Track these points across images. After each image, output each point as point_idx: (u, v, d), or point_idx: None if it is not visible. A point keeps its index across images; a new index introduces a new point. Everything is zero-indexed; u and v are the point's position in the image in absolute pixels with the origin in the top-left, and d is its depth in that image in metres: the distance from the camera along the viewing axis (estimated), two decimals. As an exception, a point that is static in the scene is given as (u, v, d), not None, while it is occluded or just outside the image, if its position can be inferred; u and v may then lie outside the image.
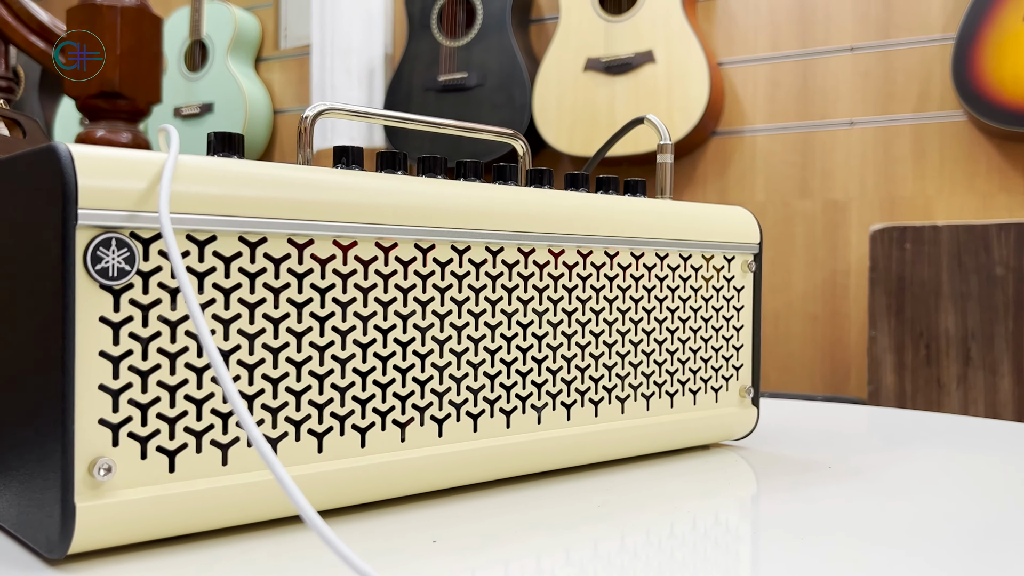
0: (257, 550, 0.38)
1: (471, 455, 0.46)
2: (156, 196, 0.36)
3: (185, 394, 0.37)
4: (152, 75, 1.54)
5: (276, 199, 0.39)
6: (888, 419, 0.78)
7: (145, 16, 1.50)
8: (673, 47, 2.08)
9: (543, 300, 0.49)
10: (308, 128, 0.47)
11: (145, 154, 0.36)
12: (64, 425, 0.34)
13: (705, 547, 0.39)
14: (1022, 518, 0.45)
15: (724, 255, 0.59)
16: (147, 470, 0.36)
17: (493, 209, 0.47)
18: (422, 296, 0.44)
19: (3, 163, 0.38)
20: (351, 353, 0.42)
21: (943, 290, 1.64)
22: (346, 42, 2.42)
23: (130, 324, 0.36)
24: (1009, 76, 1.77)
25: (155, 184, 0.36)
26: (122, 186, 0.35)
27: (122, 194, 0.35)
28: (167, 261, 0.36)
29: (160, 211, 0.33)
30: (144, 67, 1.51)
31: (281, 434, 0.40)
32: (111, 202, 0.35)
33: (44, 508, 0.35)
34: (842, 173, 2.08)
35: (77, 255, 0.34)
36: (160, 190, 0.34)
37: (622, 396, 0.54)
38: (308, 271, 0.40)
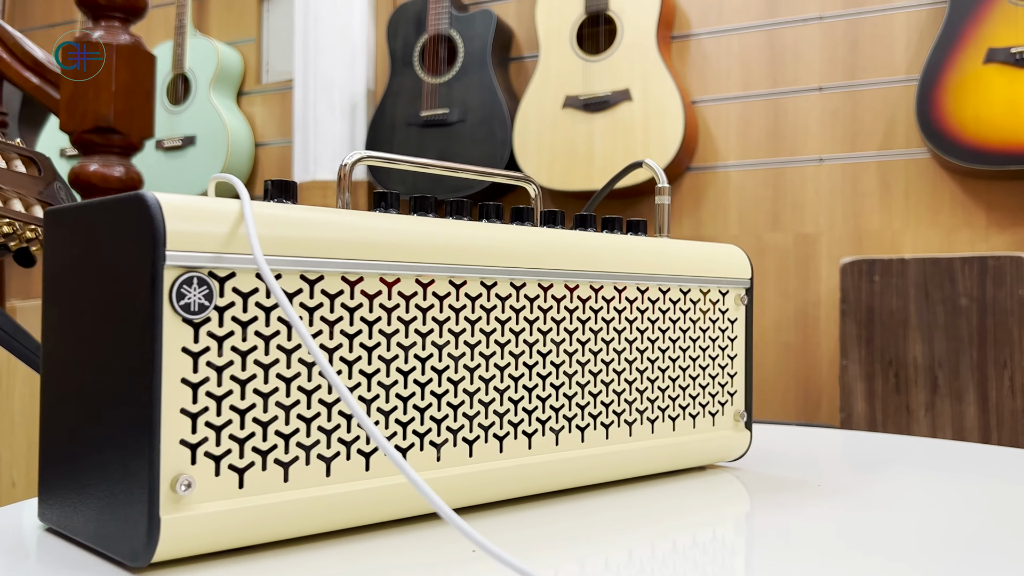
0: (317, 559, 0.41)
1: (498, 474, 0.51)
2: (234, 238, 0.40)
3: (253, 417, 0.41)
4: (145, 111, 1.57)
5: (331, 241, 0.44)
6: (867, 442, 0.83)
7: (139, 53, 1.53)
8: (649, 86, 2.15)
9: (560, 331, 0.54)
10: (347, 174, 0.51)
11: (222, 202, 0.41)
12: (151, 445, 0.38)
13: (707, 559, 0.44)
14: (997, 529, 0.50)
15: (719, 289, 0.64)
16: (219, 486, 0.40)
17: (516, 248, 0.52)
18: (455, 327, 0.49)
19: (87, 207, 0.42)
20: (394, 380, 0.46)
21: (911, 320, 1.71)
22: (329, 77, 2.47)
23: (207, 354, 0.40)
24: (970, 116, 1.86)
25: (232, 228, 0.40)
26: (203, 230, 0.39)
27: (203, 237, 0.39)
28: (240, 298, 0.40)
29: (255, 254, 0.37)
30: (138, 103, 1.55)
31: (334, 453, 0.44)
32: (193, 245, 0.39)
33: (128, 521, 0.39)
34: (812, 207, 2.16)
35: (164, 292, 0.38)
36: (251, 236, 0.38)
37: (630, 420, 0.58)
38: (359, 305, 0.45)
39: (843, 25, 2.14)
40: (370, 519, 0.46)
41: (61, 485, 0.44)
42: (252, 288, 0.41)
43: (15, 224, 0.87)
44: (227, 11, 2.91)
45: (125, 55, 1.51)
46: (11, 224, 0.87)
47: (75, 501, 0.43)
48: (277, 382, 0.42)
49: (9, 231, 0.87)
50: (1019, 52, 1.82)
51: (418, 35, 2.41)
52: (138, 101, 1.53)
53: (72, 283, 0.43)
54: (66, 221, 0.44)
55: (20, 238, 0.89)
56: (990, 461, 0.71)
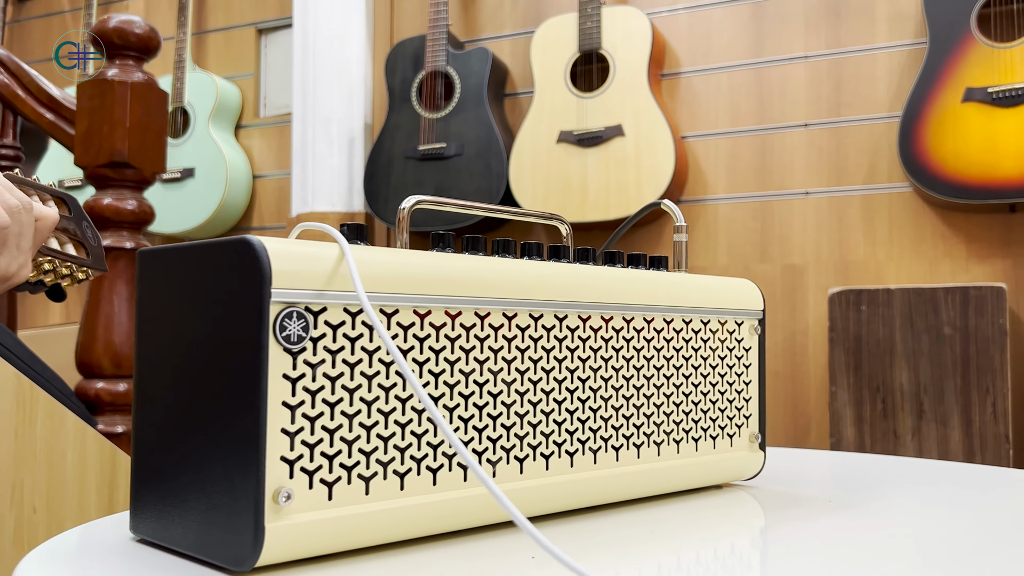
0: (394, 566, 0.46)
1: (545, 489, 0.55)
2: (328, 277, 0.45)
3: (340, 436, 0.46)
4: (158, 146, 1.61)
5: (401, 277, 0.49)
6: (865, 462, 0.88)
7: (152, 91, 1.58)
8: (641, 122, 2.23)
9: (596, 359, 0.59)
10: (405, 217, 0.57)
11: (317, 245, 0.46)
12: (257, 461, 0.42)
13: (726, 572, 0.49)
14: (996, 537, 0.55)
15: (735, 320, 0.70)
16: (312, 498, 0.45)
17: (560, 284, 0.57)
18: (507, 355, 0.54)
19: (188, 249, 0.47)
20: (456, 403, 0.51)
21: (897, 348, 1.78)
22: (327, 112, 2.52)
23: (303, 379, 0.44)
24: (950, 152, 1.94)
25: (327, 268, 0.45)
26: (302, 270, 0.44)
27: (302, 276, 0.44)
28: (330, 329, 0.45)
29: (358, 292, 0.42)
30: (151, 139, 1.59)
31: (407, 469, 0.49)
32: (294, 283, 0.44)
33: (234, 529, 0.43)
34: (799, 239, 2.23)
35: (269, 325, 0.43)
36: (353, 277, 0.43)
37: (658, 441, 0.63)
38: (427, 335, 0.50)
39: (827, 64, 2.23)
40: (437, 529, 0.50)
41: (156, 500, 0.48)
42: (340, 321, 0.46)
43: (55, 262, 0.91)
44: (226, 46, 2.97)
45: (139, 92, 1.56)
46: (51, 262, 0.91)
47: (172, 514, 0.47)
48: (360, 404, 0.47)
49: (49, 268, 0.91)
50: (995, 92, 1.90)
51: (416, 72, 2.48)
52: (151, 137, 1.58)
53: (170, 316, 0.48)
54: (162, 260, 0.49)
55: (56, 274, 0.93)
56: (979, 479, 0.77)
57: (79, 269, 0.94)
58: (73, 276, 0.95)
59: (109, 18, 1.51)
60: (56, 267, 0.93)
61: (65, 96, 1.61)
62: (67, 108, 1.58)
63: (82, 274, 0.95)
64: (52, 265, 0.92)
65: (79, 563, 0.48)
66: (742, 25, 2.32)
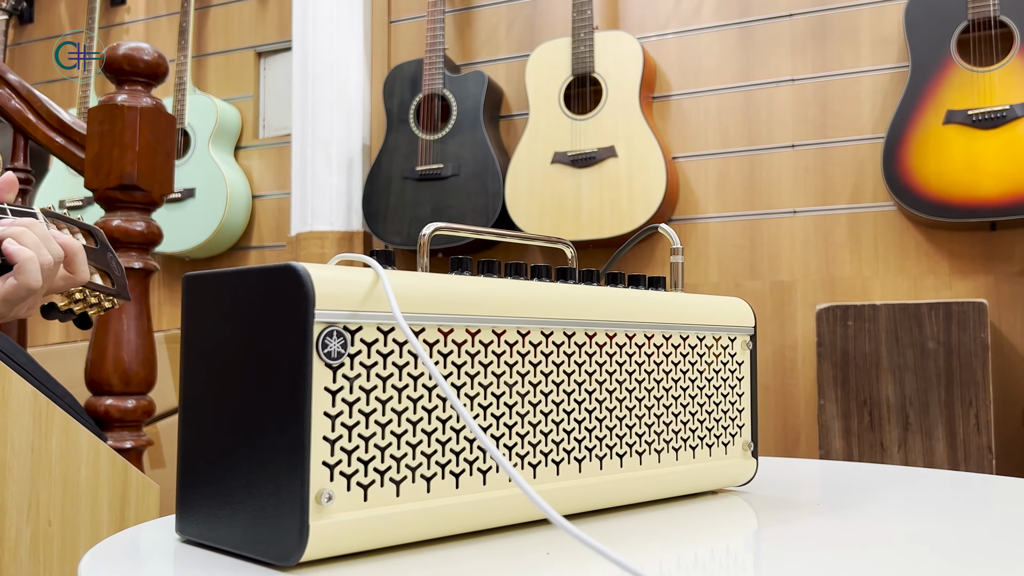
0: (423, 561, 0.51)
1: (556, 493, 0.60)
2: (363, 299, 0.50)
3: (374, 443, 0.51)
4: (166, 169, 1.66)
5: (428, 299, 0.54)
6: (853, 470, 0.93)
7: (161, 115, 1.63)
8: (633, 143, 2.29)
9: (601, 372, 0.64)
10: (426, 242, 0.62)
11: (354, 271, 0.51)
12: (303, 466, 0.47)
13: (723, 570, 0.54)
14: (980, 536, 0.60)
15: (728, 336, 0.75)
16: (349, 499, 0.49)
17: (568, 303, 0.62)
18: (521, 370, 0.59)
19: (232, 275, 0.52)
20: (476, 413, 0.56)
21: (883, 362, 1.83)
22: (326, 133, 2.58)
23: (342, 392, 0.49)
24: (932, 172, 2.01)
25: (363, 291, 0.50)
26: (342, 292, 0.49)
27: (341, 298, 0.49)
28: (365, 346, 0.50)
29: (395, 314, 0.47)
30: (159, 162, 1.64)
31: (432, 474, 0.53)
32: (335, 305, 0.49)
33: (280, 529, 0.48)
34: (787, 257, 2.29)
35: (312, 342, 0.48)
36: (390, 300, 0.48)
37: (658, 448, 0.68)
38: (450, 351, 0.55)
39: (813, 87, 2.30)
40: (460, 529, 0.55)
41: (203, 503, 0.53)
42: (374, 339, 0.51)
43: (85, 291, 0.96)
44: (225, 69, 3.02)
45: (148, 117, 1.60)
46: (82, 291, 0.95)
47: (219, 516, 0.52)
48: (391, 414, 0.51)
49: (80, 297, 0.95)
50: (975, 114, 1.97)
51: (413, 94, 2.54)
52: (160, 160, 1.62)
53: (215, 335, 0.53)
54: (207, 284, 0.54)
55: (86, 303, 0.97)
56: (963, 484, 0.82)
57: (105, 298, 0.99)
58: (100, 305, 1.00)
59: (118, 46, 1.56)
60: (86, 296, 0.97)
61: (75, 120, 1.66)
62: (77, 132, 1.63)
63: (108, 303, 1.00)
64: (83, 294, 0.96)
65: (136, 560, 0.53)
66: (730, 49, 2.39)
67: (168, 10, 3.17)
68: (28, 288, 0.79)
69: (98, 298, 0.98)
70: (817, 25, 2.31)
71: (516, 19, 2.65)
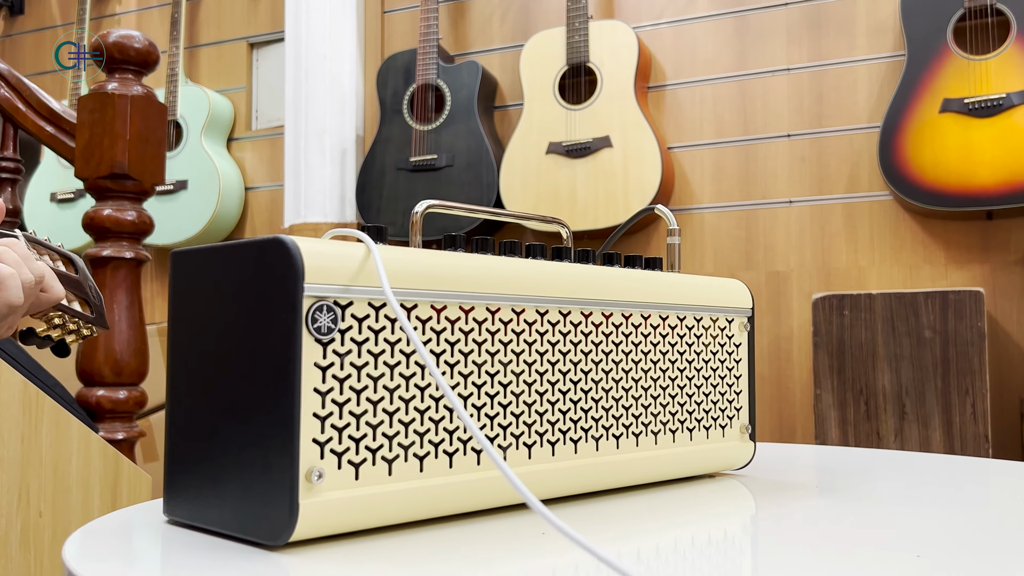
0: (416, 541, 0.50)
1: (551, 473, 0.59)
2: (354, 273, 0.49)
3: (365, 421, 0.50)
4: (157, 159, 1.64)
5: (420, 275, 0.53)
6: (849, 454, 0.93)
7: (152, 104, 1.61)
8: (628, 133, 2.28)
9: (597, 352, 0.63)
10: (419, 220, 0.60)
11: (344, 245, 0.49)
12: (292, 442, 0.46)
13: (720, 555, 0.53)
14: (974, 517, 0.60)
15: (726, 317, 0.74)
16: (340, 477, 0.48)
17: (564, 282, 0.61)
18: (516, 348, 0.58)
19: (220, 249, 0.51)
20: (470, 392, 0.55)
21: (879, 352, 1.83)
22: (319, 124, 2.56)
23: (332, 368, 0.48)
24: (928, 161, 2.00)
25: (353, 265, 0.49)
26: (332, 266, 0.48)
27: (331, 272, 0.48)
28: (356, 322, 0.49)
29: (384, 287, 0.46)
30: (150, 151, 1.62)
31: (425, 452, 0.52)
32: (324, 278, 0.48)
33: (270, 507, 0.47)
34: (783, 247, 2.29)
35: (302, 317, 0.47)
36: (380, 273, 0.47)
37: (655, 430, 0.67)
38: (443, 329, 0.54)
39: (809, 76, 2.29)
40: (454, 509, 0.54)
41: (191, 483, 0.52)
42: (365, 314, 0.50)
43: (64, 317, 0.94)
44: (218, 60, 3.00)
45: (139, 105, 1.59)
46: (61, 317, 0.94)
47: (208, 495, 0.51)
48: (383, 391, 0.50)
49: (59, 323, 0.94)
50: (971, 102, 1.97)
51: (407, 85, 2.53)
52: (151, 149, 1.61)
53: (203, 311, 0.52)
54: (195, 260, 0.53)
55: (64, 329, 0.96)
56: (958, 467, 0.81)
57: (84, 325, 0.97)
58: (78, 332, 0.98)
59: (109, 33, 1.54)
60: (65, 322, 0.95)
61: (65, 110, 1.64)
62: (67, 121, 1.61)
63: (87, 330, 0.98)
64: (62, 320, 0.94)
65: (123, 541, 0.52)
66: (726, 39, 2.38)
67: (160, 1, 3.15)
68: (9, 305, 0.79)
69: (76, 325, 0.97)
70: (813, 14, 2.30)
71: (510, 9, 2.63)
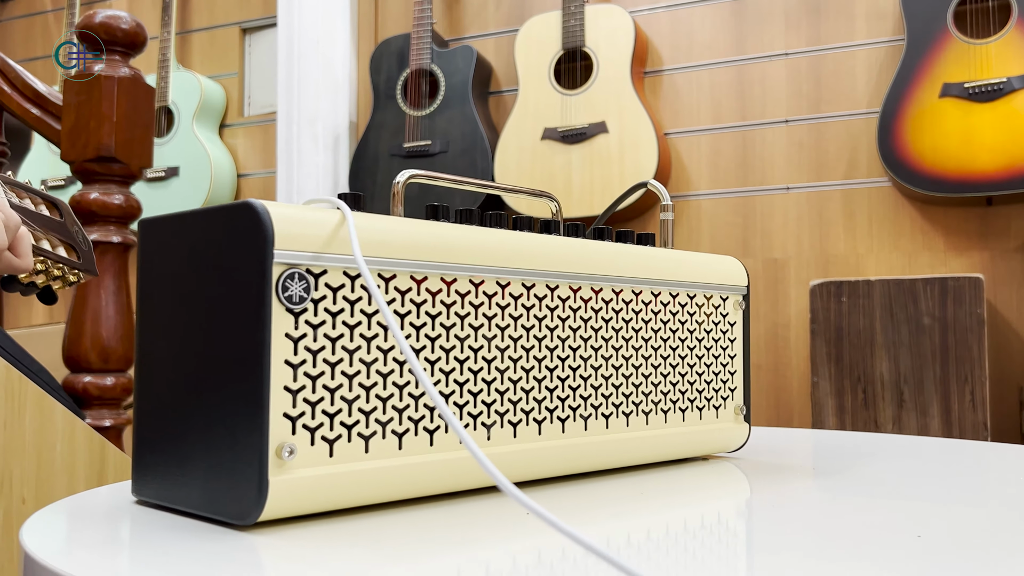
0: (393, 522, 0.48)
1: (537, 453, 0.57)
2: (328, 240, 0.46)
3: (340, 395, 0.47)
4: (145, 141, 1.62)
5: (400, 244, 0.50)
6: (846, 438, 0.90)
7: (139, 86, 1.59)
8: (624, 119, 2.25)
9: (586, 328, 0.61)
10: (400, 191, 0.58)
11: (317, 210, 0.47)
12: (262, 416, 0.44)
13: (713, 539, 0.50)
14: (972, 496, 0.57)
15: (720, 295, 0.72)
16: (313, 454, 0.46)
17: (551, 255, 0.59)
18: (501, 323, 0.55)
19: (188, 216, 0.49)
20: (452, 367, 0.53)
21: (877, 339, 1.81)
22: (312, 110, 2.53)
23: (305, 339, 0.46)
24: (928, 146, 1.97)
25: (327, 232, 0.46)
26: (304, 232, 0.46)
27: (303, 239, 0.45)
28: (330, 291, 0.47)
29: (355, 252, 0.44)
30: (138, 134, 1.60)
31: (405, 429, 0.50)
32: (296, 245, 0.45)
33: (238, 485, 0.44)
34: (780, 234, 2.26)
35: (272, 285, 0.44)
36: (352, 238, 0.44)
37: (646, 410, 0.65)
38: (424, 301, 0.51)
39: (807, 61, 2.26)
40: (435, 489, 0.52)
41: (160, 461, 0.50)
42: (340, 283, 0.47)
43: (47, 263, 0.91)
44: (210, 46, 2.97)
45: (126, 87, 1.56)
46: (43, 262, 0.91)
47: (176, 474, 0.48)
48: (359, 365, 0.48)
49: (41, 268, 0.91)
50: (972, 87, 1.94)
51: (400, 70, 2.50)
52: (138, 132, 1.58)
53: (172, 281, 0.49)
54: (163, 228, 0.51)
55: (48, 275, 0.93)
56: (956, 450, 0.79)
57: (70, 272, 0.94)
58: (64, 279, 0.95)
59: (95, 13, 1.51)
60: (48, 268, 0.93)
61: (51, 92, 1.61)
62: (53, 103, 1.59)
63: (73, 276, 0.96)
64: (45, 266, 0.92)
65: (85, 522, 0.49)
66: (723, 23, 2.35)
67: (152, -13, 3.12)
68: None
69: (62, 271, 0.94)
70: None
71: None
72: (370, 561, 0.40)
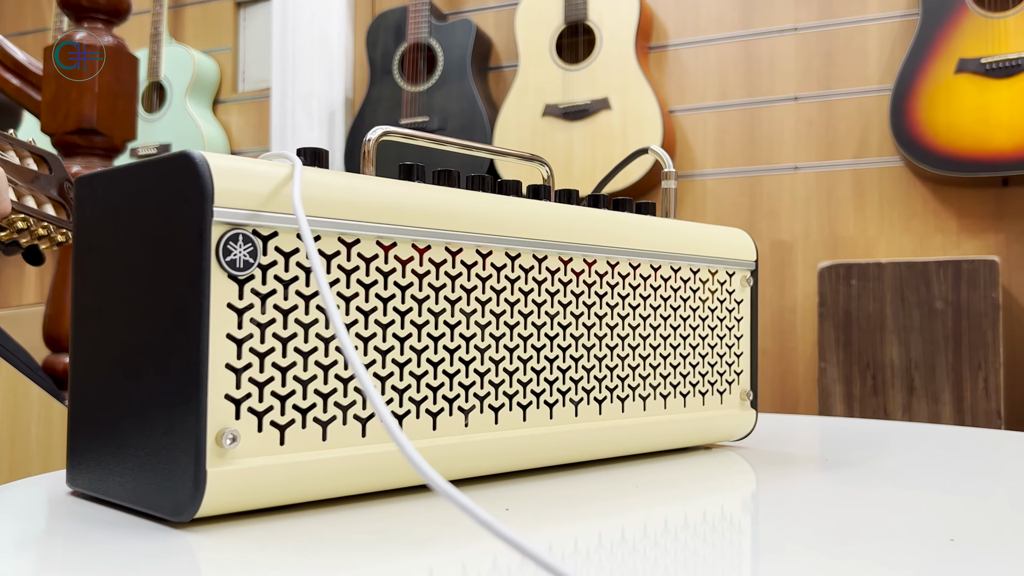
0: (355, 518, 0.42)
1: (521, 442, 0.51)
2: (278, 198, 0.40)
3: (294, 375, 0.41)
4: (128, 113, 1.56)
5: (368, 205, 0.44)
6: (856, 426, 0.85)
7: (123, 55, 1.53)
8: (628, 95, 2.18)
9: (578, 304, 0.55)
10: (371, 150, 0.52)
11: (265, 163, 0.41)
12: (199, 397, 0.38)
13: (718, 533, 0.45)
14: (985, 489, 0.52)
15: (726, 270, 0.66)
16: (261, 442, 0.40)
17: (540, 222, 0.53)
18: (481, 296, 0.50)
19: (125, 170, 0.43)
20: (425, 345, 0.47)
21: (887, 323, 1.74)
22: (307, 86, 2.47)
23: (251, 311, 0.40)
24: (942, 124, 1.90)
25: (277, 188, 0.40)
26: (249, 188, 0.40)
27: (249, 195, 0.40)
28: (282, 256, 0.41)
29: (296, 209, 0.38)
30: (121, 106, 1.54)
31: (369, 414, 0.44)
32: (240, 202, 0.39)
33: (173, 476, 0.39)
34: (788, 215, 2.20)
35: (211, 248, 0.39)
36: (295, 193, 0.38)
37: (644, 395, 0.59)
38: (392, 270, 0.45)
39: (817, 36, 2.19)
40: (402, 482, 0.46)
41: (94, 448, 0.44)
42: (293, 248, 0.42)
43: (29, 220, 0.86)
44: (203, 20, 2.90)
45: (109, 56, 1.50)
46: (25, 220, 0.86)
47: (109, 462, 0.43)
48: (316, 341, 0.42)
49: (23, 227, 0.86)
50: (989, 62, 1.87)
51: (397, 44, 2.43)
52: (121, 103, 1.53)
53: (108, 244, 0.44)
54: (100, 184, 0.45)
55: (32, 234, 0.88)
56: (969, 439, 0.73)
57: (57, 231, 0.89)
58: (51, 238, 0.90)
59: (77, -21, 1.45)
60: (31, 227, 0.87)
61: (31, 61, 1.56)
62: (34, 73, 1.53)
63: (61, 236, 0.90)
64: (27, 224, 0.87)
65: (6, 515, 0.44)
66: (731, -3, 2.28)
67: (146, -41, 3.04)
68: None
69: (47, 230, 0.88)
70: (822, -28, 2.19)
71: (507, -33, 2.53)
72: (320, 564, 0.34)
